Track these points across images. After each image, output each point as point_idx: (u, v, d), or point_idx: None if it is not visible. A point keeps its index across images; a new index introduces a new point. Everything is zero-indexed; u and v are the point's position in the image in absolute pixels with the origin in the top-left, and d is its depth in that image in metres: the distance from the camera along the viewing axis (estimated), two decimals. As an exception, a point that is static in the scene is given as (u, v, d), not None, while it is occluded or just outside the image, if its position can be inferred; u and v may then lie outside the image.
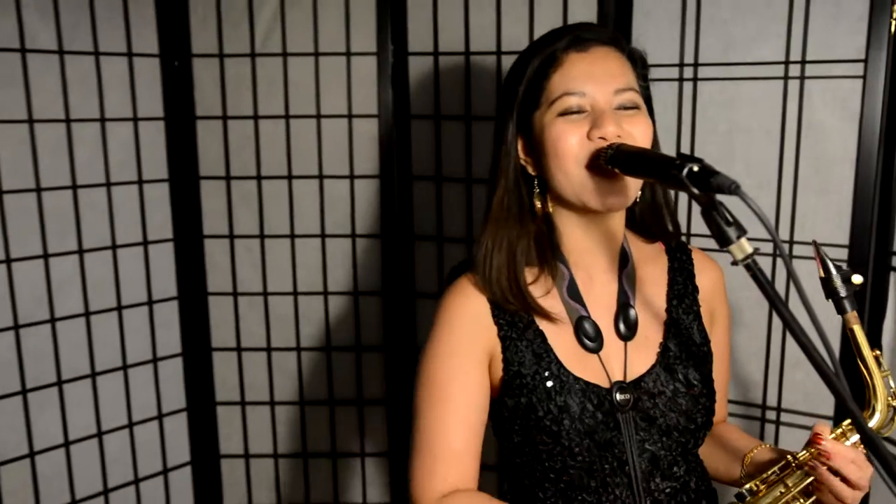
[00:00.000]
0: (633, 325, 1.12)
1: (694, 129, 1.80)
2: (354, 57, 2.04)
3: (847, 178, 1.66)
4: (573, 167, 1.03)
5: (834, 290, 1.00)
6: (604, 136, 1.01)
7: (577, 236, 1.13)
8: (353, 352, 2.17)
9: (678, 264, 1.20)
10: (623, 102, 1.05)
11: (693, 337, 1.14)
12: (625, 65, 1.08)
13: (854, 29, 1.63)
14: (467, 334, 1.10)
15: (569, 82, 1.05)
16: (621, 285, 1.14)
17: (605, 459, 1.07)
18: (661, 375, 1.10)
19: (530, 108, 1.09)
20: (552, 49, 1.07)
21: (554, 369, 1.08)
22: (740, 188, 0.79)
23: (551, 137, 1.04)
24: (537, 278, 1.12)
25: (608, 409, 1.07)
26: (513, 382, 1.09)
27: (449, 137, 2.03)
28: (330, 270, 2.14)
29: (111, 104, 1.99)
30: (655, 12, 1.81)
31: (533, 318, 1.11)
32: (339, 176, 2.09)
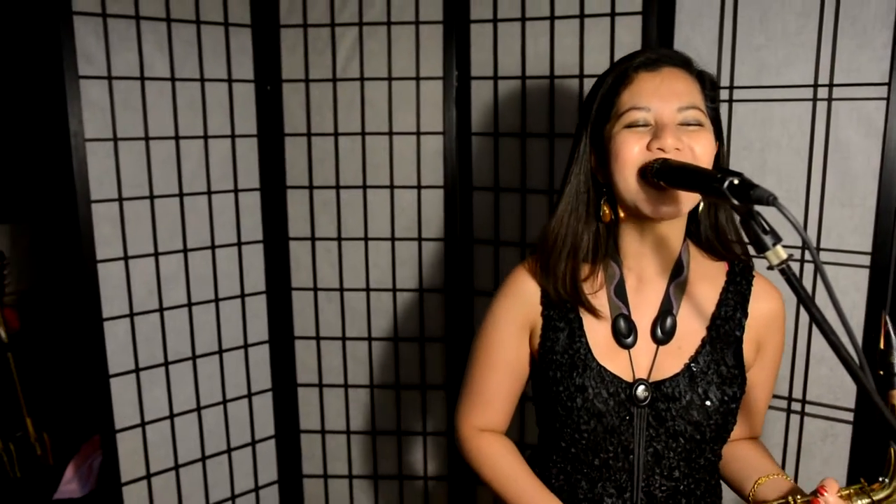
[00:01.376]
0: (669, 331, 1.10)
1: (730, 147, 1.81)
2: (423, 81, 2.08)
3: (871, 191, 1.65)
4: (630, 173, 1.02)
5: (889, 365, 0.94)
6: (662, 148, 0.99)
7: (634, 241, 1.11)
8: (418, 342, 2.21)
9: (734, 287, 1.14)
10: (686, 119, 1.02)
11: (726, 359, 1.10)
12: (692, 85, 1.06)
13: (878, 56, 1.62)
14: (517, 307, 1.17)
15: (636, 98, 1.03)
16: (667, 293, 1.12)
17: (610, 443, 1.08)
18: (681, 384, 1.08)
19: (602, 123, 1.08)
20: (625, 67, 1.06)
21: (581, 353, 1.10)
22: (777, 199, 0.80)
23: (616, 146, 1.03)
24: (590, 275, 1.13)
25: (622, 399, 1.07)
26: (546, 356, 1.13)
27: (506, 152, 2.06)
28: (398, 270, 2.18)
29: (213, 123, 2.08)
30: (694, 40, 1.82)
31: (577, 308, 1.13)
32: (408, 186, 2.13)
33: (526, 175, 2.04)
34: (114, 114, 1.92)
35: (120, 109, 1.92)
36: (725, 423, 1.09)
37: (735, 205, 0.86)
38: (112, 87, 1.91)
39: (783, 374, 1.81)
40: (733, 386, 1.09)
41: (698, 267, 1.15)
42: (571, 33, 1.94)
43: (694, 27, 1.81)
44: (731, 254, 1.15)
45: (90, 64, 1.88)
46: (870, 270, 1.67)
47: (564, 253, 1.12)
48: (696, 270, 1.14)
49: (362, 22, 2.07)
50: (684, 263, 1.13)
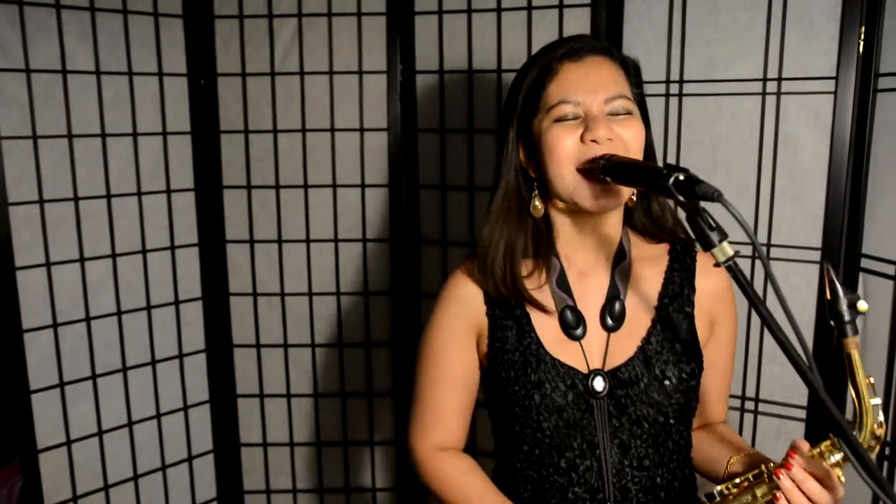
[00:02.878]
0: (618, 317, 1.12)
1: (679, 141, 1.83)
2: (366, 75, 2.06)
3: (819, 186, 1.69)
4: (567, 169, 1.04)
5: (838, 314, 0.92)
6: (595, 139, 1.01)
7: (572, 234, 1.13)
8: (363, 348, 2.19)
9: (679, 265, 1.17)
10: (615, 109, 1.05)
11: (680, 335, 1.12)
12: (617, 73, 1.08)
13: (825, 49, 1.66)
14: (461, 312, 1.16)
15: (563, 91, 1.05)
16: (613, 279, 1.13)
17: (573, 438, 1.08)
18: (637, 367, 1.09)
19: (529, 116, 1.10)
20: (548, 59, 1.08)
21: (533, 348, 1.10)
22: (722, 196, 0.81)
23: (548, 142, 1.05)
24: (532, 272, 1.14)
25: (581, 391, 1.08)
26: (497, 358, 1.12)
27: (453, 149, 2.05)
28: (342, 272, 2.15)
29: (142, 120, 2.02)
30: (644, 32, 1.83)
31: (523, 305, 1.13)
32: (352, 185, 2.11)
33: (474, 172, 2.03)
34: (33, 110, 1.84)
35: (39, 105, 1.85)
36: (688, 400, 1.11)
37: (681, 201, 0.86)
38: (31, 80, 1.83)
39: (736, 373, 1.83)
40: (690, 363, 1.11)
41: (639, 251, 1.17)
42: (519, 25, 1.94)
43: (643, 20, 1.83)
44: (671, 234, 1.18)
45: (6, 56, 1.80)
46: (820, 266, 1.70)
47: (501, 252, 1.12)
48: (637, 254, 1.17)
49: (301, 13, 2.04)
50: (626, 249, 1.15)
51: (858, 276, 1.68)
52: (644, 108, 1.13)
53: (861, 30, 1.62)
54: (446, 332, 1.16)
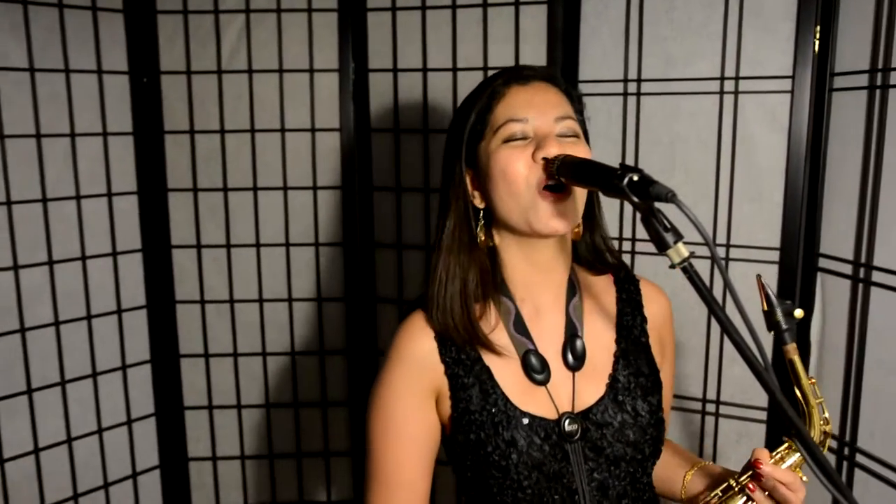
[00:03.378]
0: (580, 355, 1.10)
1: (638, 141, 1.83)
2: (317, 74, 2.03)
3: (777, 186, 1.70)
4: (523, 189, 1.02)
5: (775, 323, 0.97)
6: (547, 157, 1.01)
7: (523, 268, 1.11)
8: (317, 356, 2.15)
9: (626, 295, 1.18)
10: (563, 130, 1.05)
11: (641, 368, 1.12)
12: (563, 97, 1.09)
13: (782, 48, 1.67)
14: (416, 374, 1.09)
15: (512, 110, 1.05)
16: (568, 317, 1.12)
17: (554, 490, 1.05)
18: (609, 407, 1.07)
19: (476, 141, 1.08)
20: (493, 86, 1.08)
21: (501, 405, 1.06)
22: (676, 196, 0.80)
23: (499, 163, 1.03)
24: (482, 314, 1.10)
25: (556, 440, 1.05)
26: (462, 419, 1.07)
27: (407, 149, 2.03)
28: (294, 278, 2.12)
29: (81, 120, 1.95)
30: (601, 30, 1.84)
31: (479, 354, 1.09)
32: (303, 187, 2.08)
33: (429, 173, 2.02)
34: (-40, 109, 1.78)
35: (-32, 104, 1.78)
36: (660, 433, 1.10)
37: (635, 202, 0.85)
38: (-42, 78, 1.77)
39: (696, 376, 1.85)
40: (655, 393, 1.11)
41: (588, 284, 1.17)
42: (475, 23, 1.93)
43: (600, 18, 1.83)
44: (610, 265, 1.18)
45: (-70, 51, 1.73)
46: (779, 266, 1.72)
47: (457, 288, 1.08)
48: (586, 288, 1.16)
49: (249, 9, 2.00)
50: (576, 284, 1.14)
51: (816, 276, 1.70)
52: (587, 137, 1.12)
53: (816, 29, 1.64)
54: (404, 397, 1.09)
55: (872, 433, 1.59)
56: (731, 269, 1.77)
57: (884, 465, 1.56)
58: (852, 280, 1.61)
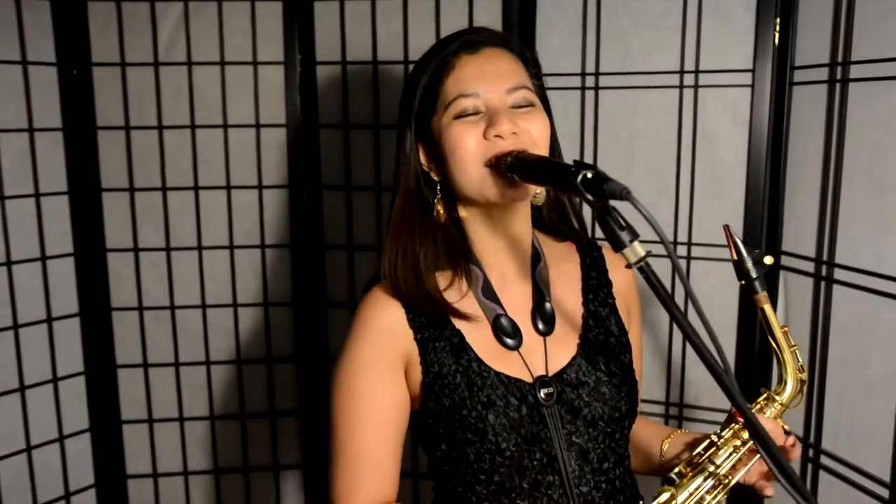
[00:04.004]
0: (549, 319, 1.13)
1: (597, 136, 1.84)
2: (261, 66, 2.00)
3: (739, 182, 1.72)
4: (472, 166, 1.04)
5: (746, 272, 1.00)
6: (499, 134, 1.01)
7: (487, 237, 1.13)
8: (265, 364, 2.12)
9: (590, 260, 1.21)
10: (517, 101, 1.06)
11: (611, 328, 1.16)
12: (516, 64, 1.09)
13: (742, 40, 1.69)
14: (381, 344, 1.08)
15: (461, 85, 1.05)
16: (535, 283, 1.14)
17: (534, 455, 1.05)
18: (582, 366, 1.10)
19: (428, 115, 1.09)
20: (443, 55, 1.08)
21: (475, 367, 1.07)
22: (630, 193, 0.80)
23: (450, 140, 1.04)
24: (451, 282, 1.12)
25: (532, 403, 1.06)
26: (434, 385, 1.07)
27: (358, 146, 2.02)
28: (239, 282, 2.09)
29: (4, 114, 1.89)
30: (558, 22, 1.84)
31: (450, 320, 1.10)
32: (248, 186, 2.05)
33: (381, 171, 2.00)
34: None
35: None
36: (634, 392, 1.13)
37: (589, 200, 0.85)
38: None
39: (659, 378, 1.86)
40: (626, 353, 1.15)
41: (550, 251, 1.20)
42: (427, 13, 1.92)
43: (557, 8, 1.83)
44: (574, 232, 1.22)
45: None
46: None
47: (408, 265, 1.09)
48: (550, 254, 1.19)
49: (187, -4, 1.97)
50: (539, 250, 1.17)
51: (779, 273, 1.72)
52: (545, 100, 1.14)
53: (776, 21, 1.66)
54: (371, 370, 1.08)
55: (837, 433, 1.61)
56: (692, 267, 1.79)
57: (849, 468, 1.58)
58: (814, 278, 1.64)
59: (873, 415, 1.53)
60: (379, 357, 1.08)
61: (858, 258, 1.54)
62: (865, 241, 1.52)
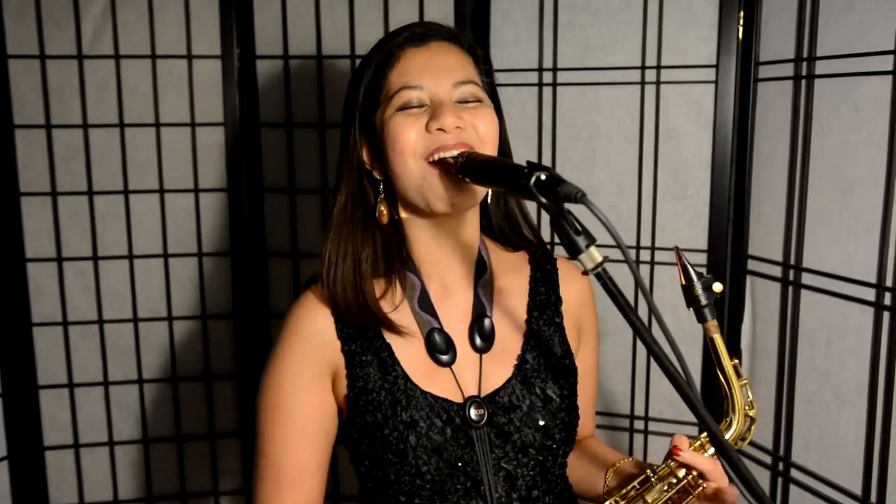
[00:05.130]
0: (488, 336, 1.13)
1: (555, 135, 1.86)
2: (196, 60, 1.99)
3: (703, 182, 1.76)
4: (412, 161, 1.04)
5: (694, 299, 1.01)
6: (442, 128, 1.02)
7: (429, 244, 1.13)
8: (203, 381, 2.10)
9: (541, 274, 1.21)
10: (463, 95, 1.07)
11: (553, 349, 1.15)
12: (464, 59, 1.10)
13: (705, 35, 1.73)
14: (309, 351, 1.10)
15: (406, 76, 1.06)
16: (477, 295, 1.14)
17: (457, 479, 1.06)
18: (517, 389, 1.10)
19: (371, 109, 1.09)
20: (389, 46, 1.09)
21: (400, 384, 1.08)
22: (585, 196, 0.81)
23: (391, 132, 1.05)
24: (386, 291, 1.12)
25: (459, 424, 1.07)
26: (358, 400, 1.09)
27: (302, 146, 2.01)
28: (174, 293, 2.07)
29: None
30: (513, 15, 1.86)
31: (381, 331, 1.11)
32: (183, 190, 2.03)
33: (327, 173, 2.00)
34: None
35: None
36: (572, 418, 1.13)
37: (543, 203, 0.86)
38: None
39: (623, 390, 1.88)
40: (568, 377, 1.14)
41: (499, 261, 1.20)
42: (374, 5, 1.93)
43: (511, 0, 1.85)
44: (527, 241, 1.22)
45: None
46: (706, 269, 1.78)
47: (349, 268, 1.10)
48: (498, 265, 1.19)
49: (114, -16, 1.94)
50: (486, 259, 1.17)
51: (745, 278, 1.76)
52: (496, 99, 1.15)
53: (740, 14, 1.70)
54: (296, 376, 1.10)
55: (807, 444, 1.65)
56: (656, 273, 1.82)
57: (820, 481, 1.62)
58: (782, 283, 1.67)
59: (844, 425, 1.57)
60: (305, 363, 1.10)
61: (826, 262, 1.58)
62: (833, 243, 1.56)
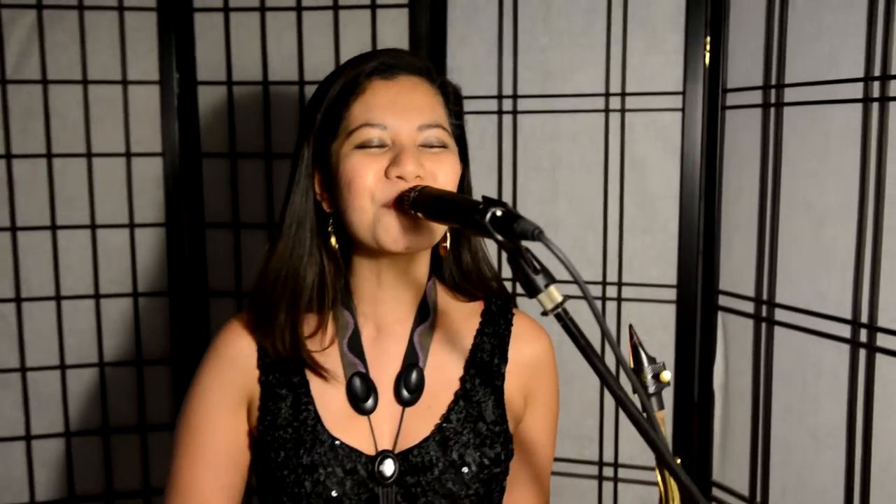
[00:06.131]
0: (415, 388, 1.13)
1: (516, 165, 1.88)
2: (132, 86, 1.99)
3: (672, 215, 1.79)
4: (367, 204, 1.04)
5: (642, 386, 0.97)
6: (402, 176, 1.02)
7: (372, 282, 1.13)
8: (137, 433, 2.07)
9: (491, 329, 1.20)
10: (428, 140, 1.07)
11: (484, 414, 1.14)
12: (434, 98, 1.11)
13: (671, 61, 1.77)
14: (228, 375, 1.13)
15: (369, 112, 1.06)
16: (411, 342, 1.14)
17: None
18: (432, 450, 1.09)
19: (328, 138, 1.10)
20: (355, 73, 1.09)
21: (309, 425, 1.09)
22: (543, 234, 0.82)
23: (346, 171, 1.05)
24: (318, 328, 1.13)
25: (363, 478, 1.07)
26: (266, 435, 1.10)
27: (247, 178, 2.01)
28: (107, 337, 2.04)
29: None
30: (471, 39, 1.88)
31: (303, 370, 1.12)
32: (117, 225, 2.02)
33: (273, 206, 2.00)
34: None
35: None
36: (488, 492, 1.12)
37: (499, 241, 0.87)
38: None
39: (591, 436, 1.89)
40: (495, 446, 1.12)
41: (448, 308, 1.19)
42: (324, 28, 1.95)
43: (470, 24, 1.88)
44: (486, 291, 1.21)
45: None
46: (676, 306, 1.80)
47: (284, 300, 1.11)
48: (445, 313, 1.19)
49: (42, 4, 1.94)
50: (430, 306, 1.17)
51: (717, 315, 1.79)
52: (463, 142, 1.15)
53: (707, 40, 1.75)
54: (211, 398, 1.12)
55: (784, 490, 1.67)
56: (623, 309, 1.84)
57: (797, 527, 1.64)
58: (754, 319, 1.70)
59: (822, 469, 1.59)
60: (223, 389, 1.13)
61: (800, 297, 1.61)
62: (807, 278, 1.60)
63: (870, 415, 1.49)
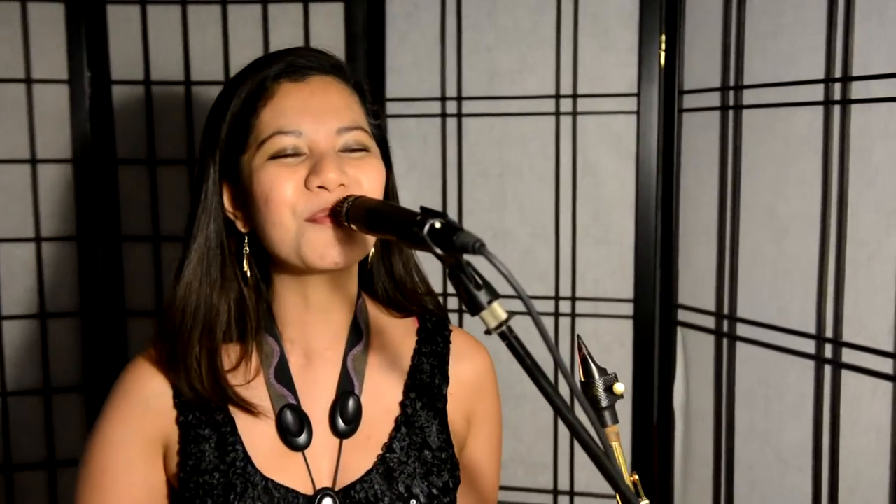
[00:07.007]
0: (352, 418, 1.11)
1: (461, 172, 1.89)
2: (37, 85, 1.96)
3: (627, 225, 1.81)
4: (288, 220, 1.02)
5: (594, 399, 0.98)
6: (324, 185, 1.00)
7: (297, 304, 1.11)
8: (44, 470, 2.03)
9: (429, 347, 1.19)
10: (348, 143, 1.05)
11: (428, 440, 1.13)
12: (350, 98, 1.09)
13: (624, 61, 1.80)
14: (138, 420, 1.08)
15: (281, 119, 1.04)
16: (345, 369, 1.12)
17: None
18: (376, 483, 1.08)
19: (237, 150, 1.07)
20: (261, 77, 1.06)
21: (239, 467, 1.06)
22: (485, 247, 0.81)
23: (262, 185, 1.02)
24: (239, 361, 1.10)
25: None
26: (189, 481, 1.07)
27: (167, 185, 2.00)
28: (10, 363, 2.00)
29: None
30: (412, 36, 1.89)
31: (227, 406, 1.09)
32: (21, 239, 1.98)
33: (197, 217, 1.97)
34: None
35: None
36: None
37: (439, 254, 0.86)
38: None
39: (545, 462, 1.89)
40: (442, 474, 1.12)
41: (382, 329, 1.18)
42: (252, 23, 1.94)
43: (410, 20, 1.89)
44: (419, 305, 1.20)
45: None
46: (633, 321, 1.82)
47: (197, 333, 1.07)
48: (378, 333, 1.17)
49: (-66, -5, 1.90)
50: (362, 326, 1.15)
51: (676, 330, 1.81)
52: (385, 144, 1.15)
53: (661, 39, 1.77)
54: (120, 448, 1.07)
55: (748, 517, 1.70)
56: (578, 325, 1.85)
57: (762, 556, 1.66)
58: (715, 335, 1.73)
59: (788, 491, 1.61)
60: (132, 435, 1.08)
61: (762, 311, 1.64)
62: (769, 290, 1.62)
63: (836, 434, 1.52)
